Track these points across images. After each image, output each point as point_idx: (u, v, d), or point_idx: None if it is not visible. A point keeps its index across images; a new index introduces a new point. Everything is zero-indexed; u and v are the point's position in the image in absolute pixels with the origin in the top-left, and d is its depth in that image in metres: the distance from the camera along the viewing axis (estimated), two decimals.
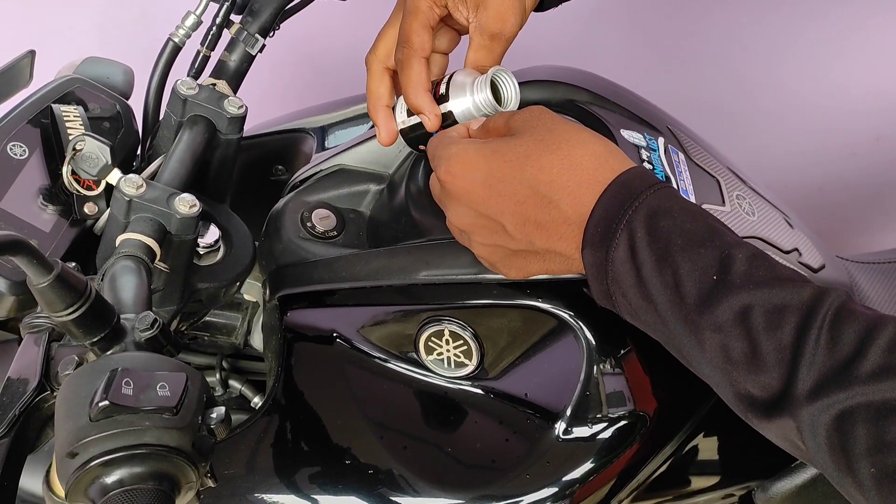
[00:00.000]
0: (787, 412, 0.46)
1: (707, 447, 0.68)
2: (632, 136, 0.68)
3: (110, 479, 0.40)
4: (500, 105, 0.62)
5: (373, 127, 0.80)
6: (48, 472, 0.46)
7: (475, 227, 0.56)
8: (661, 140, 0.70)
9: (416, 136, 0.66)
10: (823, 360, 0.45)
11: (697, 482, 0.70)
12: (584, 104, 0.71)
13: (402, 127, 0.66)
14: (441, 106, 0.62)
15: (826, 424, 0.45)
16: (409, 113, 0.64)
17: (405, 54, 0.62)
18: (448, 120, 0.63)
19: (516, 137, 0.55)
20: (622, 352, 0.62)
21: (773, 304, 0.47)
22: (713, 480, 0.70)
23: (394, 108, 0.66)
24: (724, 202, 0.68)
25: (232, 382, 0.79)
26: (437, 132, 0.61)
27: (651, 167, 0.66)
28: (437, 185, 0.59)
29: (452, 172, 0.55)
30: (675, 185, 0.66)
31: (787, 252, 0.70)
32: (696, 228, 0.50)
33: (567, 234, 0.53)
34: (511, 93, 0.63)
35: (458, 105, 0.62)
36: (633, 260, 0.50)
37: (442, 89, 0.63)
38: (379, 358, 0.65)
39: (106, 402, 0.39)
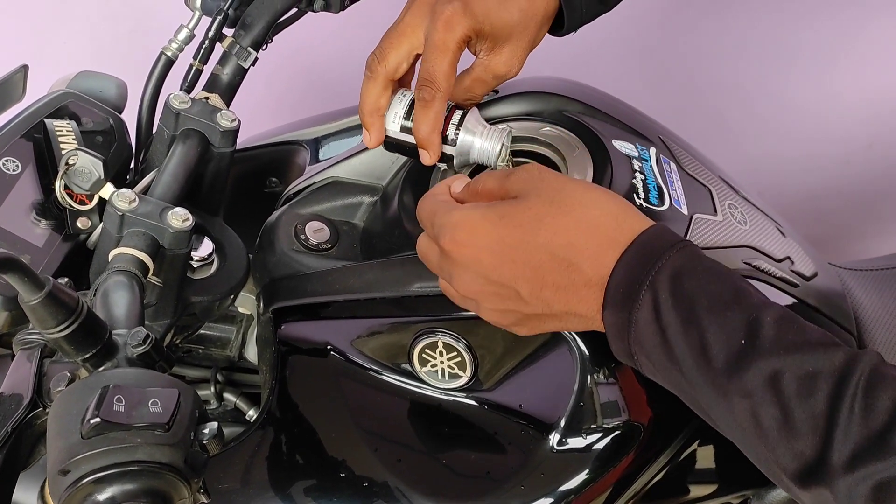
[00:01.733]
0: (823, 481, 0.45)
1: (702, 456, 0.68)
2: (623, 146, 0.69)
3: (102, 496, 0.40)
4: (497, 160, 0.65)
5: None
6: (42, 488, 0.46)
7: (485, 294, 0.54)
8: (652, 150, 0.70)
9: (399, 148, 0.67)
10: (859, 430, 0.45)
11: (693, 491, 0.70)
12: (576, 115, 0.71)
13: (392, 137, 0.66)
14: (444, 146, 0.64)
15: (864, 495, 0.44)
16: (404, 130, 0.65)
17: (431, 95, 0.62)
18: (442, 157, 0.65)
19: (523, 200, 0.53)
20: (615, 362, 0.62)
21: (805, 371, 0.46)
22: (709, 489, 0.70)
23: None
24: (716, 211, 0.68)
25: (227, 395, 0.78)
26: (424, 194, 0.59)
27: (643, 177, 0.67)
28: (434, 252, 0.56)
29: (458, 241, 0.53)
30: (667, 196, 0.66)
31: (780, 260, 0.70)
32: (721, 290, 0.49)
33: (588, 296, 0.52)
34: (506, 152, 0.65)
35: (461, 150, 0.64)
36: (658, 321, 0.49)
37: (450, 132, 0.64)
38: (373, 370, 0.65)
39: (97, 420, 0.39)
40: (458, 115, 0.65)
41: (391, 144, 0.67)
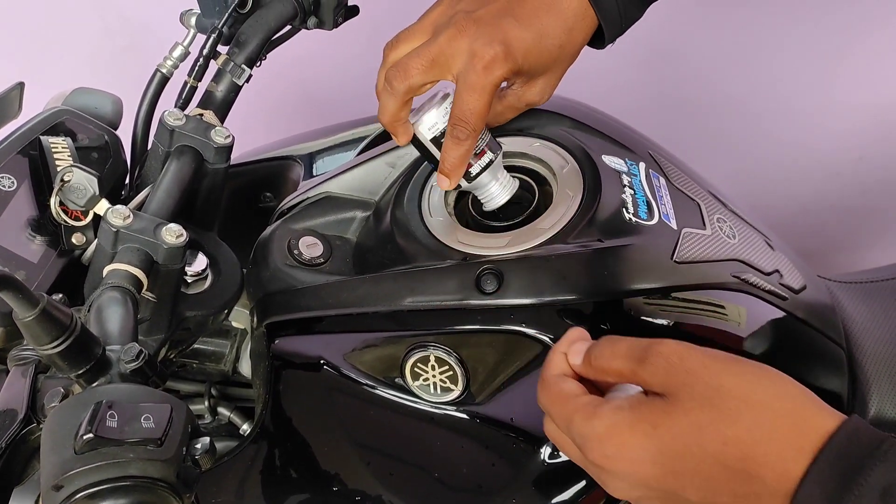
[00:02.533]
0: None
1: None
2: (613, 161, 0.69)
3: None
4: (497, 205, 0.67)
5: (360, 154, 0.81)
6: None
7: (646, 498, 0.48)
8: (642, 165, 0.71)
9: (423, 151, 0.67)
10: None
11: None
12: (566, 130, 0.72)
13: (421, 141, 0.66)
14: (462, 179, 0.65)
15: None
16: (435, 142, 0.65)
17: (465, 135, 0.62)
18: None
19: (675, 403, 0.46)
20: None
21: None
22: None
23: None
24: (704, 225, 0.69)
25: (221, 410, 0.79)
26: (545, 374, 0.53)
27: (632, 192, 0.67)
28: (575, 454, 0.51)
29: (610, 456, 0.47)
30: (656, 210, 0.67)
31: (769, 274, 0.71)
32: None
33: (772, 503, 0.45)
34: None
35: (474, 185, 0.66)
36: None
37: (475, 170, 0.65)
38: (366, 384, 0.65)
39: (90, 435, 0.40)
40: (487, 157, 0.65)
41: (417, 144, 0.66)
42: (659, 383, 0.47)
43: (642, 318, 0.63)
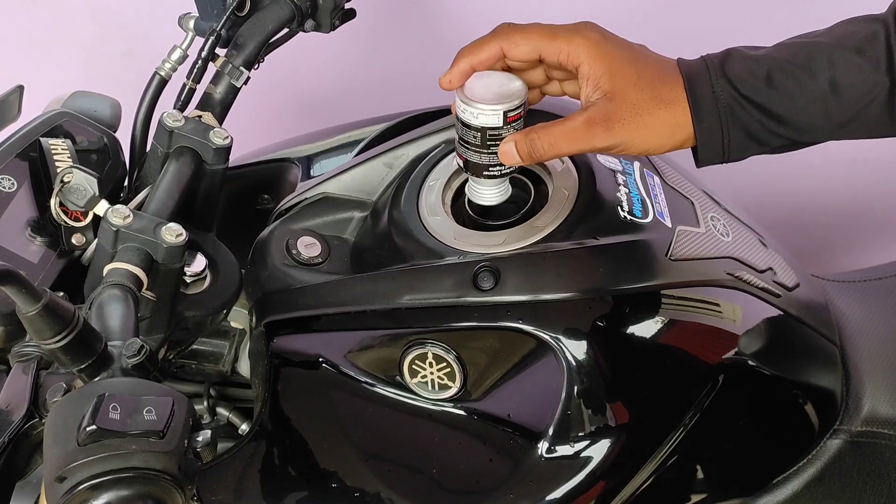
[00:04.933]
0: None
1: (690, 464, 0.69)
2: (608, 160, 0.70)
3: (98, 502, 0.41)
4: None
5: (357, 155, 0.81)
6: (37, 500, 0.46)
7: None
8: (636, 164, 0.72)
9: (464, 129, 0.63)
10: None
11: (684, 498, 0.70)
12: None
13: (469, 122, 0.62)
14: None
15: None
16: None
17: (499, 33, 0.61)
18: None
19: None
20: (602, 371, 0.63)
21: None
22: (697, 498, 0.71)
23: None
24: (698, 223, 0.70)
25: (220, 410, 0.79)
26: None
27: (627, 190, 0.68)
28: None
29: None
30: (650, 209, 0.68)
31: (762, 271, 0.71)
32: None
33: None
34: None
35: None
36: None
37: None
38: (364, 382, 0.66)
39: (93, 427, 0.40)
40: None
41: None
42: None
43: (637, 315, 0.64)
